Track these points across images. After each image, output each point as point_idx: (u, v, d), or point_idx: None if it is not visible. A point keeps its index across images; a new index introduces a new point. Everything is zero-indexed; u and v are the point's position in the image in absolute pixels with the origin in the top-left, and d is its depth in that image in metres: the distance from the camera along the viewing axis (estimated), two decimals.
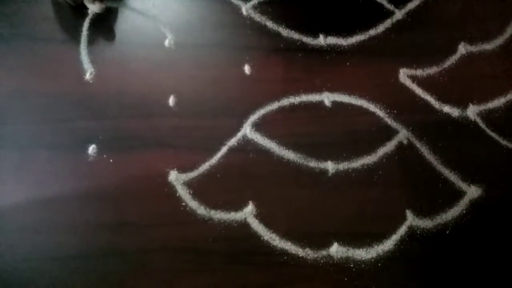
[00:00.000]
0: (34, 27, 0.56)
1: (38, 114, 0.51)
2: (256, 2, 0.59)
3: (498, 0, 0.62)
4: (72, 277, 0.44)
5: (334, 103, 0.53)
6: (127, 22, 0.57)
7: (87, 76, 0.53)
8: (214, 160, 0.50)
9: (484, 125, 0.53)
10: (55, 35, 0.56)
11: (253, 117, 0.52)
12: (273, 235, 0.46)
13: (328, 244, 0.46)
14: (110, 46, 0.55)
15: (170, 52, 0.56)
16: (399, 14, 0.60)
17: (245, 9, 0.59)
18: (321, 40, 0.57)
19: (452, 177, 0.50)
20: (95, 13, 0.56)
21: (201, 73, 0.55)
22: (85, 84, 0.53)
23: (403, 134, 0.52)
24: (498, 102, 0.54)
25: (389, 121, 0.52)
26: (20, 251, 0.45)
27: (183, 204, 0.47)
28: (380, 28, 0.59)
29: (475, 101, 0.54)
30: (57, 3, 0.56)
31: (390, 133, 0.52)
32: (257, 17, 0.58)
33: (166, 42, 0.56)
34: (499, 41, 0.58)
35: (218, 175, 0.49)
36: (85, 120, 0.51)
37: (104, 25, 0.57)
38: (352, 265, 0.45)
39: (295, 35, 0.57)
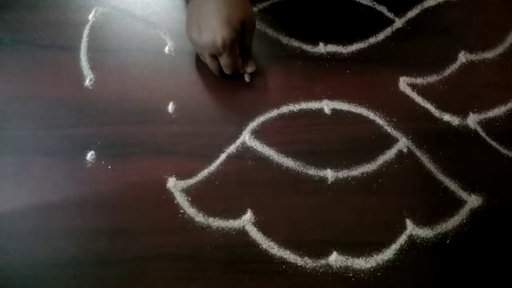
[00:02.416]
0: (35, 33, 0.56)
1: (37, 120, 0.51)
2: (256, 10, 0.59)
3: (498, 9, 0.62)
4: (68, 284, 0.43)
5: (334, 111, 0.53)
6: (127, 29, 0.57)
7: (87, 82, 0.53)
8: (212, 167, 0.49)
9: (485, 134, 0.52)
10: (56, 41, 0.56)
11: (252, 125, 0.52)
12: (272, 243, 0.46)
13: (327, 253, 0.46)
14: (110, 53, 0.56)
15: (170, 59, 0.56)
16: (399, 23, 0.60)
17: None
18: (321, 48, 0.57)
19: (452, 186, 0.49)
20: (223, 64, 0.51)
21: (200, 80, 0.55)
22: (84, 90, 0.53)
23: (403, 143, 0.51)
24: (498, 111, 0.54)
25: (389, 129, 0.52)
26: (17, 257, 0.44)
27: (181, 211, 0.47)
28: (380, 36, 0.59)
29: (475, 110, 0.54)
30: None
31: (390, 141, 0.52)
32: (257, 24, 0.58)
33: (166, 49, 0.56)
34: (499, 49, 0.58)
35: (217, 182, 0.49)
36: (84, 127, 0.51)
37: (104, 31, 0.57)
38: (351, 275, 0.45)
39: (295, 43, 0.57)
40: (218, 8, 0.46)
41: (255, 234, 0.46)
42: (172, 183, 0.48)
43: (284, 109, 0.53)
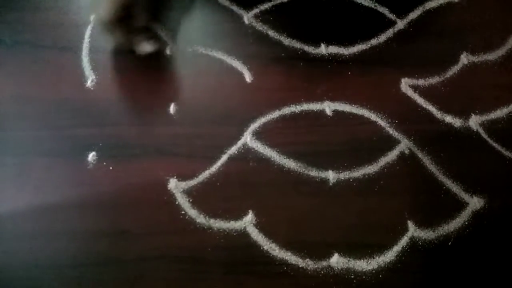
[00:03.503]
0: (36, 34, 0.56)
1: (38, 121, 0.51)
2: (258, 11, 0.59)
3: (500, 10, 0.62)
4: (69, 285, 0.43)
5: (335, 112, 0.53)
6: None
7: (88, 83, 0.53)
8: (214, 168, 0.49)
9: (487, 136, 0.52)
10: (57, 42, 0.56)
11: (254, 126, 0.52)
12: (273, 245, 0.46)
13: (328, 255, 0.45)
14: (112, 54, 0.56)
15: (172, 60, 0.56)
16: (401, 24, 0.60)
17: (246, 18, 0.59)
18: (323, 49, 0.57)
19: (454, 187, 0.49)
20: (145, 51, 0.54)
21: (202, 81, 0.55)
22: (86, 91, 0.53)
23: (404, 144, 0.51)
24: (500, 113, 0.54)
25: (391, 130, 0.52)
26: (17, 259, 0.44)
27: (182, 212, 0.47)
28: (382, 37, 0.59)
29: (477, 112, 0.54)
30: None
31: (391, 142, 0.52)
32: (259, 26, 0.58)
33: (168, 50, 0.56)
34: (501, 51, 0.58)
35: (218, 184, 0.48)
36: (85, 127, 0.51)
37: None
38: (352, 277, 0.44)
39: (297, 44, 0.57)
40: None
41: (257, 235, 0.46)
42: (173, 184, 0.48)
43: (286, 110, 0.53)
